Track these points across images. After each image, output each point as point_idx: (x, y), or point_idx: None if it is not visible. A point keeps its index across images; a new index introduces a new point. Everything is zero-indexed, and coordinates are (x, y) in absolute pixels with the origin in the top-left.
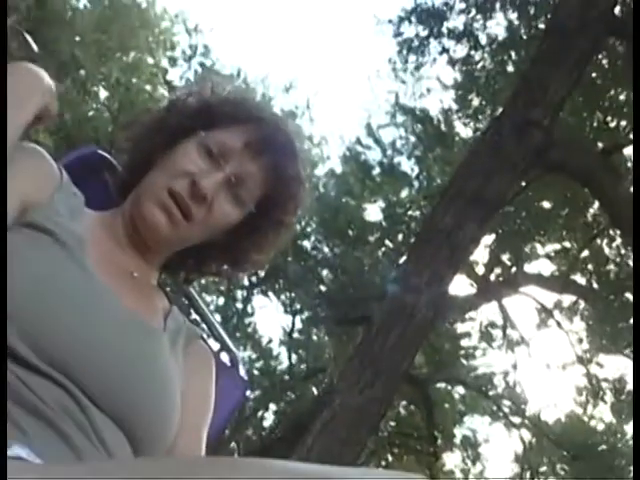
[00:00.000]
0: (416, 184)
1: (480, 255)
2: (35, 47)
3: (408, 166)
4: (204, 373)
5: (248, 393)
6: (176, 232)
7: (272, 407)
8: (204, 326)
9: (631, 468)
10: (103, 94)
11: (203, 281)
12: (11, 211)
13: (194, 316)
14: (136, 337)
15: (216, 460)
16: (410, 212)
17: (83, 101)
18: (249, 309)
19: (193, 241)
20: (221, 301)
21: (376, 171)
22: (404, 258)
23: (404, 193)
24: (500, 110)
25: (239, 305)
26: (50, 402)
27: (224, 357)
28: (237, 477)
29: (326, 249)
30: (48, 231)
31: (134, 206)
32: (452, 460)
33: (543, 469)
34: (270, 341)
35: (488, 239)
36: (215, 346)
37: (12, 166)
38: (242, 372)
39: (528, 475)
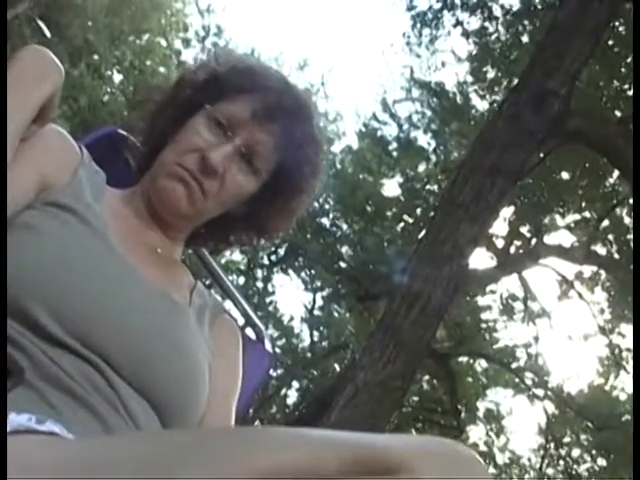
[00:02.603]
0: (433, 158)
1: (500, 228)
2: (48, 33)
3: (425, 140)
4: (231, 347)
5: (271, 372)
6: (193, 207)
7: (295, 385)
8: (229, 302)
9: None
10: (117, 78)
11: (223, 260)
12: (29, 188)
13: (216, 293)
14: (162, 312)
15: (245, 429)
16: (428, 186)
17: (98, 86)
18: (270, 288)
19: (212, 214)
20: (242, 280)
21: (393, 146)
22: (423, 232)
23: (421, 167)
24: (516, 81)
25: (260, 284)
26: (79, 378)
27: (249, 332)
28: (265, 445)
29: (345, 226)
30: (72, 209)
31: (150, 184)
32: (476, 433)
33: (567, 440)
34: (291, 319)
35: (507, 211)
36: (240, 321)
37: (31, 144)
38: (268, 346)
39: (552, 446)
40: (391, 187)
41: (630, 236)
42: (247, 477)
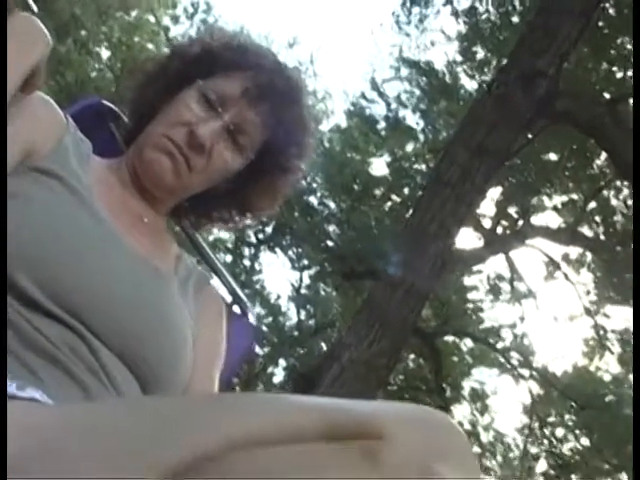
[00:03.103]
0: (421, 137)
1: (487, 208)
2: (35, 7)
3: (413, 120)
4: (215, 317)
5: (258, 350)
6: (179, 180)
7: (282, 363)
8: (214, 276)
9: None
10: (105, 54)
11: (211, 238)
12: (13, 154)
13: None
14: (146, 280)
15: (228, 395)
16: (416, 165)
17: (85, 62)
18: (257, 266)
19: (196, 189)
20: (229, 258)
21: (381, 125)
22: (411, 212)
23: (409, 147)
24: (505, 61)
25: (247, 262)
26: (61, 345)
27: (234, 307)
28: (246, 410)
29: (332, 204)
30: (57, 176)
31: (136, 155)
32: (461, 412)
33: (551, 420)
34: (278, 297)
35: (495, 192)
36: (227, 298)
37: (17, 112)
38: (252, 319)
39: (536, 426)
40: (379, 166)
41: (617, 218)
42: (231, 442)
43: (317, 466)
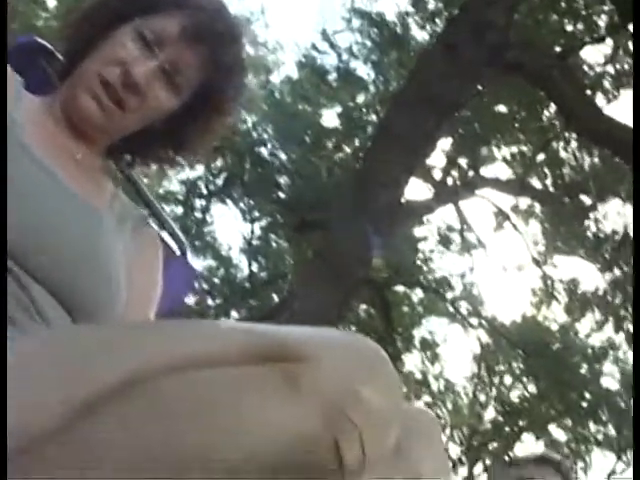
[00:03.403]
0: (372, 89)
1: (437, 159)
2: None
3: (364, 71)
4: (151, 256)
5: (210, 302)
6: (110, 121)
7: (234, 314)
8: (155, 222)
9: (584, 365)
10: (52, 3)
11: (161, 191)
12: None
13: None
14: (79, 216)
15: (158, 322)
16: (367, 117)
17: (31, 10)
18: (208, 218)
19: (130, 129)
20: (180, 211)
21: (332, 76)
22: (360, 162)
23: (360, 98)
24: (456, 12)
25: (198, 214)
26: None
27: (173, 248)
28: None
29: (283, 156)
30: None
31: (69, 94)
32: (411, 361)
33: (500, 368)
34: (230, 249)
35: (445, 143)
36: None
37: None
38: (191, 261)
39: (485, 374)
40: (330, 117)
41: (565, 170)
42: (157, 366)
43: (239, 388)
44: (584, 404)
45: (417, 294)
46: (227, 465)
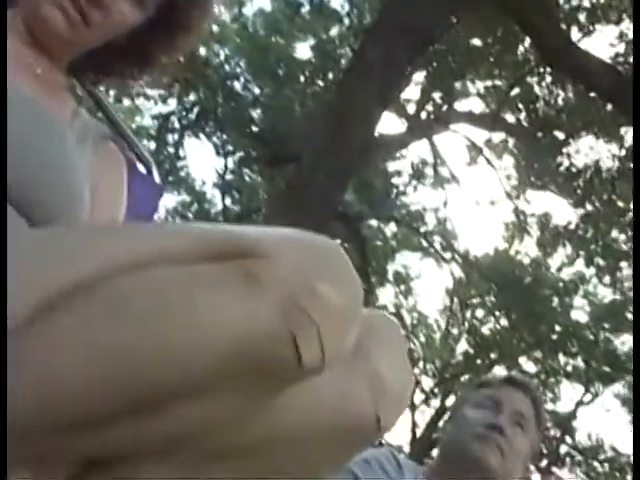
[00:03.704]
0: (346, 21)
1: (411, 93)
2: None
3: (338, 3)
4: (114, 172)
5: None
6: (74, 34)
7: None
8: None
9: (555, 299)
10: None
11: (133, 126)
12: None
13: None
14: (39, 128)
15: (108, 225)
16: (340, 50)
17: None
18: (181, 153)
19: (94, 44)
20: (152, 146)
21: (305, 8)
22: (333, 95)
23: (334, 31)
24: None
25: (171, 149)
26: None
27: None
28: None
29: (256, 89)
30: None
31: (31, 5)
32: (385, 295)
33: (472, 301)
34: (203, 184)
35: (419, 77)
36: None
37: None
38: (157, 179)
39: (458, 307)
40: (303, 50)
41: (539, 104)
42: (115, 265)
43: (196, 285)
44: (554, 337)
45: (391, 228)
46: (184, 362)
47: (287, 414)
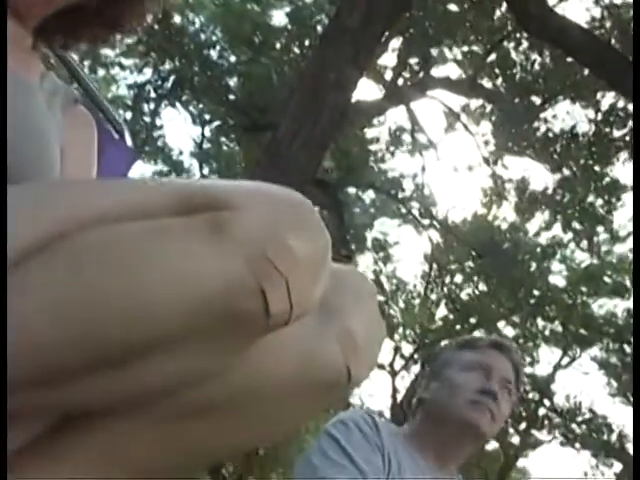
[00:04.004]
0: None
1: (388, 59)
2: None
3: None
4: (85, 135)
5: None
6: None
7: None
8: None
9: (533, 264)
10: None
11: (109, 95)
12: None
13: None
14: (8, 90)
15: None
16: (316, 16)
17: None
18: (158, 122)
19: (62, 5)
20: (128, 115)
21: None
22: (309, 61)
23: None
24: None
25: (147, 119)
26: None
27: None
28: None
29: (232, 57)
30: None
31: None
32: (364, 262)
33: (451, 267)
34: (181, 153)
35: (396, 43)
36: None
37: None
38: (129, 142)
39: (437, 273)
40: (279, 17)
41: (516, 70)
42: (82, 220)
43: (163, 238)
44: (532, 301)
45: (369, 195)
46: (150, 316)
47: (257, 368)
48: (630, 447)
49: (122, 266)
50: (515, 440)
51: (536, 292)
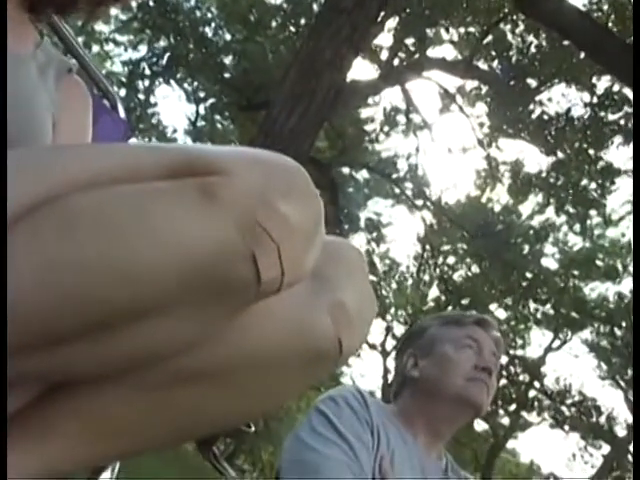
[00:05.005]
0: None
1: (384, 39)
2: None
3: None
4: (79, 103)
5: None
6: None
7: None
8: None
9: (526, 246)
10: None
11: (103, 72)
12: None
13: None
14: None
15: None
16: None
17: None
18: (152, 100)
19: None
20: (123, 92)
21: None
22: (305, 40)
23: None
24: None
25: (141, 96)
26: None
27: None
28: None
29: (228, 35)
30: None
31: None
32: (357, 242)
33: (444, 248)
34: (175, 131)
35: (392, 23)
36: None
37: None
38: (122, 114)
39: (429, 254)
40: None
41: (512, 52)
42: (75, 182)
43: (154, 201)
44: (524, 284)
45: (363, 175)
46: (140, 281)
47: (249, 337)
48: (619, 430)
49: (114, 229)
50: (505, 421)
51: (528, 275)
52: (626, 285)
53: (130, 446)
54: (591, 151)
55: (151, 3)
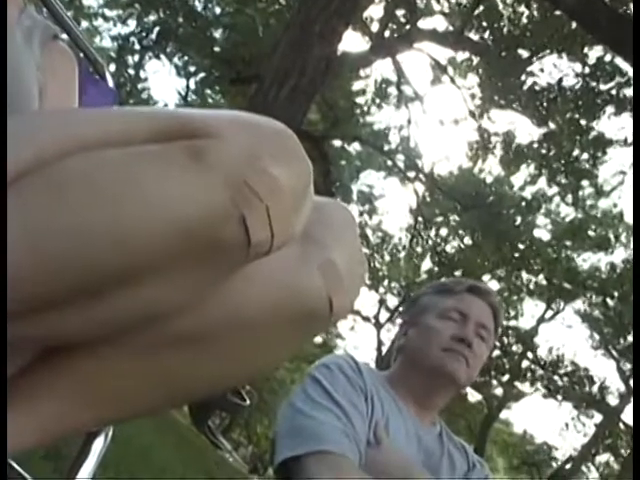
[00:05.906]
0: None
1: (375, 11)
2: None
3: None
4: (65, 70)
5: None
6: None
7: None
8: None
9: (518, 217)
10: None
11: (93, 47)
12: None
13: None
14: None
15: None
16: None
17: None
18: (142, 74)
19: None
20: (112, 68)
21: None
22: (295, 12)
23: None
24: None
25: (131, 71)
26: None
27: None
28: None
29: (217, 8)
30: None
31: None
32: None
33: (436, 220)
34: (166, 106)
35: None
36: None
37: None
38: (110, 83)
39: (422, 226)
40: None
41: (503, 23)
42: (65, 147)
43: (142, 164)
44: (517, 255)
45: (355, 148)
46: (130, 244)
47: (239, 299)
48: (611, 399)
49: (103, 193)
50: (498, 392)
51: (521, 246)
52: (618, 255)
53: (123, 409)
54: (583, 121)
55: None
